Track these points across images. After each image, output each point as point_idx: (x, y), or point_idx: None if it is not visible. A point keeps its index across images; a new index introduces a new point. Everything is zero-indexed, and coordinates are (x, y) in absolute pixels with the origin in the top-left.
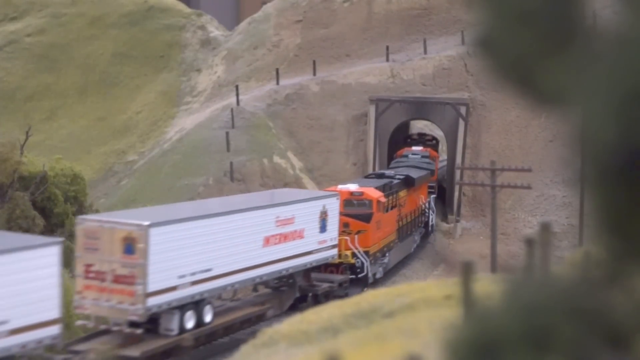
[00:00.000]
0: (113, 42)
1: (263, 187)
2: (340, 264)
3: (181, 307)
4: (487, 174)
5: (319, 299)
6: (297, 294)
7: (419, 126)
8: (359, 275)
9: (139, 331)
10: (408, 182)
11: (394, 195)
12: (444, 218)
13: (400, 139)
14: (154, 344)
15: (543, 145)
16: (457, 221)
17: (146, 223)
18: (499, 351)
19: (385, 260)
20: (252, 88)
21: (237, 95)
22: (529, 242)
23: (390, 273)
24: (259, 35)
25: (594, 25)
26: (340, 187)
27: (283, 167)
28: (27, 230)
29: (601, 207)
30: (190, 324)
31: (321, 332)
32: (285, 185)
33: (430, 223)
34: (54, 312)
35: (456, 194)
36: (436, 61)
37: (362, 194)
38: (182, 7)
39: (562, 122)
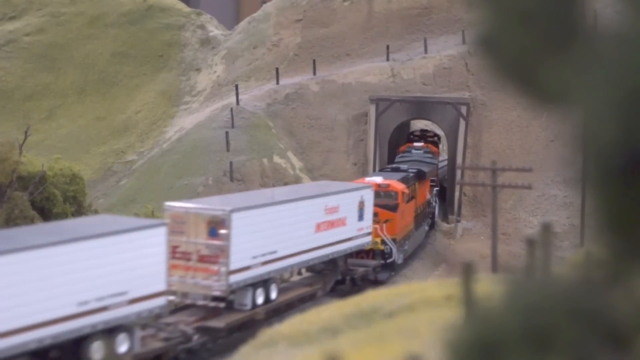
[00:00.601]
0: (112, 41)
1: (263, 187)
2: (371, 250)
3: (253, 285)
4: (487, 174)
5: (356, 282)
6: (339, 277)
7: (418, 126)
8: (388, 261)
9: (222, 305)
10: (420, 176)
11: (412, 188)
12: (445, 218)
13: (402, 137)
14: (234, 317)
15: (544, 145)
16: (458, 221)
17: (229, 208)
18: (499, 351)
19: (406, 247)
20: (252, 87)
21: (237, 94)
22: (530, 243)
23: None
24: (259, 34)
25: (595, 24)
26: (368, 179)
27: (283, 167)
28: None
29: (602, 207)
30: (260, 299)
31: (321, 332)
32: (285, 184)
33: (435, 214)
34: (162, 285)
35: (457, 193)
36: (437, 60)
37: (388, 185)
38: (182, 6)
39: (563, 122)
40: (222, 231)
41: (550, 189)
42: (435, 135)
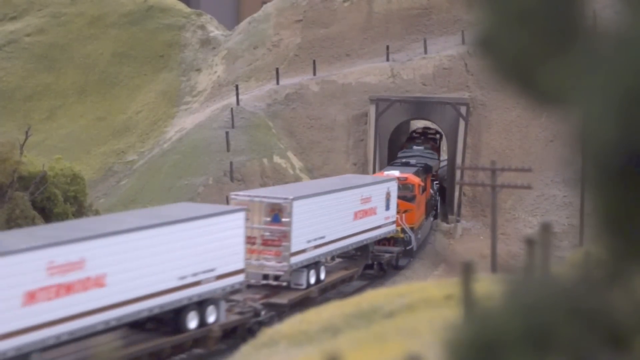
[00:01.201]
0: (113, 41)
1: (263, 187)
2: (392, 238)
3: (307, 266)
4: (487, 174)
5: (382, 267)
6: (369, 262)
7: (418, 125)
8: (407, 248)
9: (284, 284)
10: (427, 170)
11: (424, 181)
12: (444, 218)
13: (401, 137)
14: (293, 294)
15: (543, 145)
16: (458, 221)
17: (291, 197)
18: (499, 351)
19: (419, 235)
20: (252, 88)
21: (237, 95)
22: (530, 242)
23: (390, 273)
24: (259, 35)
25: (594, 25)
26: (386, 172)
27: (283, 167)
28: None
29: (601, 207)
30: (312, 280)
31: (321, 332)
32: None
33: (438, 207)
34: (241, 264)
35: (456, 193)
36: (436, 61)
37: (406, 179)
38: (182, 6)
39: (562, 122)
40: (286, 216)
41: (549, 189)
42: (437, 132)
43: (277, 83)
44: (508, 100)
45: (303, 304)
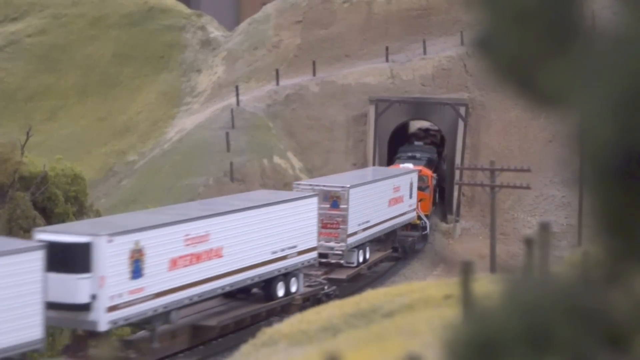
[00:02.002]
0: (113, 42)
1: (263, 187)
2: (409, 224)
3: (357, 247)
4: (486, 174)
5: (406, 250)
6: (396, 245)
7: (418, 126)
8: (423, 233)
9: (342, 261)
10: (431, 163)
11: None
12: (444, 218)
13: (401, 137)
14: (348, 271)
15: (542, 145)
16: (457, 221)
17: (348, 185)
18: (498, 351)
19: (429, 223)
20: (252, 88)
21: (237, 95)
22: (528, 242)
23: (390, 273)
24: (259, 35)
25: (593, 25)
26: (402, 165)
27: (283, 167)
28: (27, 231)
29: (600, 207)
30: (360, 258)
31: (321, 331)
32: (286, 185)
33: (436, 197)
34: (314, 242)
35: (455, 194)
36: (435, 62)
37: (420, 171)
38: (183, 7)
39: (561, 123)
40: (343, 202)
41: (548, 189)
42: (438, 131)
43: (277, 84)
44: (507, 101)
45: (356, 279)
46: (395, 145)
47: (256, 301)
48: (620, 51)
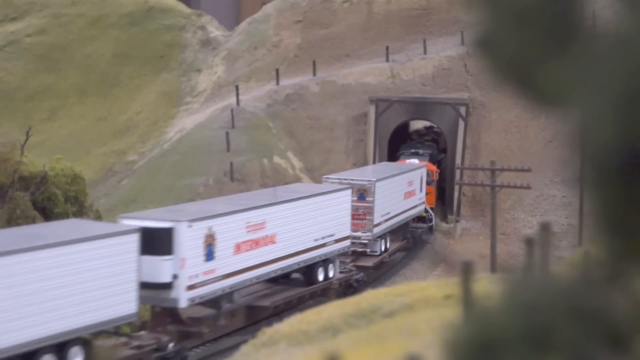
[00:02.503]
0: (113, 42)
1: (263, 187)
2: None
3: (380, 237)
4: (486, 174)
5: (416, 239)
6: (408, 235)
7: (418, 126)
8: (429, 225)
9: (368, 250)
10: (433, 158)
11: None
12: (444, 218)
13: (401, 137)
14: (373, 259)
15: (543, 145)
16: (457, 221)
17: (374, 179)
18: (498, 351)
19: (434, 216)
20: (252, 88)
21: (237, 95)
22: (529, 242)
23: (390, 273)
24: (259, 35)
25: (593, 25)
26: (408, 161)
27: (283, 167)
28: None
29: (600, 206)
30: (382, 247)
31: (321, 332)
32: (285, 185)
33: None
34: (348, 231)
35: (456, 194)
36: (436, 61)
37: (426, 166)
38: (182, 7)
39: (561, 122)
40: (370, 195)
41: (548, 189)
42: (438, 129)
43: (277, 83)
44: (507, 101)
45: (380, 266)
46: (397, 144)
47: (297, 285)
48: (620, 51)
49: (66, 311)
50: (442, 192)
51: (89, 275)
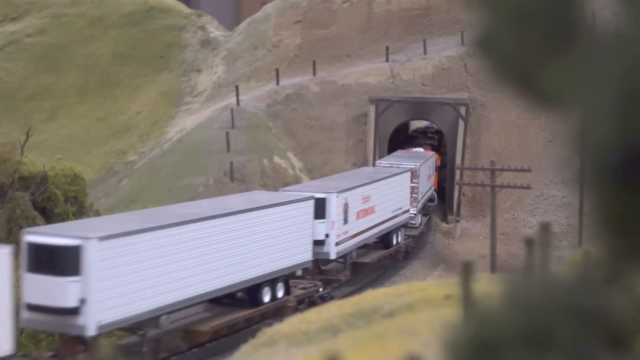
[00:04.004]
0: (113, 42)
1: (263, 187)
2: None
3: (419, 212)
4: (486, 174)
5: (429, 215)
6: (426, 211)
7: (418, 126)
8: (434, 204)
9: (410, 223)
10: (435, 149)
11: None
12: (444, 218)
13: (403, 135)
14: (417, 230)
15: (543, 145)
16: (457, 221)
17: (418, 164)
18: (498, 351)
19: (436, 196)
20: (252, 88)
21: (237, 95)
22: (529, 242)
23: (389, 273)
24: (259, 35)
25: (594, 25)
26: (414, 150)
27: (283, 167)
28: None
29: (600, 206)
30: (419, 221)
31: (321, 332)
32: (285, 185)
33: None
34: (408, 205)
35: (456, 194)
36: (436, 61)
37: (435, 154)
38: (182, 7)
39: (561, 122)
40: (415, 177)
41: (548, 189)
42: (438, 131)
43: (277, 83)
44: (507, 101)
45: (419, 236)
46: (397, 144)
47: (376, 249)
48: (620, 51)
49: (274, 257)
50: (442, 192)
51: (287, 231)
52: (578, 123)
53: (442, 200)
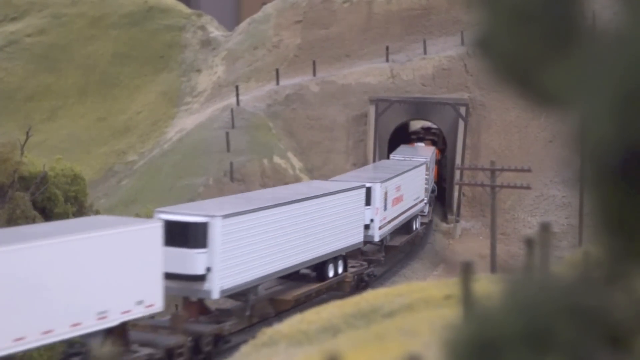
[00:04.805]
0: (113, 42)
1: (263, 187)
2: None
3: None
4: (486, 174)
5: (430, 203)
6: (431, 202)
7: (418, 126)
8: (434, 194)
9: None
10: (435, 144)
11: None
12: (444, 218)
13: (401, 137)
14: (428, 217)
15: (543, 145)
16: (457, 221)
17: (428, 158)
18: (498, 351)
19: (435, 188)
20: (252, 88)
21: (237, 95)
22: (529, 242)
23: (389, 273)
24: (259, 35)
25: (593, 25)
26: (416, 144)
27: (283, 167)
28: None
29: (600, 206)
30: (427, 210)
31: (321, 332)
32: (285, 185)
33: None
34: (423, 195)
35: (456, 194)
36: (436, 61)
37: (435, 149)
38: (182, 7)
39: (561, 123)
40: (427, 171)
41: (548, 189)
42: (437, 129)
43: (277, 83)
44: (507, 101)
45: (428, 224)
46: (397, 145)
47: (399, 234)
48: (620, 51)
49: (337, 237)
50: (442, 192)
51: (346, 215)
52: (578, 123)
53: (442, 201)
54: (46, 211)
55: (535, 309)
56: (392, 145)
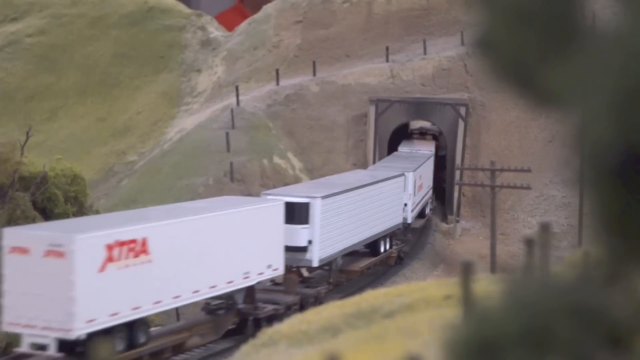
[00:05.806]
0: (113, 42)
1: (263, 187)
2: None
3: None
4: (486, 174)
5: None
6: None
7: (417, 126)
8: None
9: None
10: (435, 139)
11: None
12: (444, 218)
13: (401, 138)
14: (432, 204)
15: (542, 145)
16: (457, 221)
17: (432, 150)
18: (498, 351)
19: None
20: (252, 88)
21: (237, 95)
22: (529, 243)
23: (390, 273)
24: (259, 35)
25: (593, 25)
26: (417, 140)
27: (283, 167)
28: None
29: (599, 207)
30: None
31: (321, 332)
32: (285, 185)
33: None
34: (431, 183)
35: (456, 194)
36: (436, 62)
37: (434, 143)
38: (182, 7)
39: (561, 123)
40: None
41: (548, 190)
42: (438, 133)
43: (277, 84)
44: (507, 101)
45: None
46: (397, 145)
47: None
48: (620, 51)
49: (387, 218)
50: (442, 192)
51: (393, 199)
52: (577, 123)
53: (442, 201)
54: (46, 211)
55: (534, 308)
56: (392, 145)
